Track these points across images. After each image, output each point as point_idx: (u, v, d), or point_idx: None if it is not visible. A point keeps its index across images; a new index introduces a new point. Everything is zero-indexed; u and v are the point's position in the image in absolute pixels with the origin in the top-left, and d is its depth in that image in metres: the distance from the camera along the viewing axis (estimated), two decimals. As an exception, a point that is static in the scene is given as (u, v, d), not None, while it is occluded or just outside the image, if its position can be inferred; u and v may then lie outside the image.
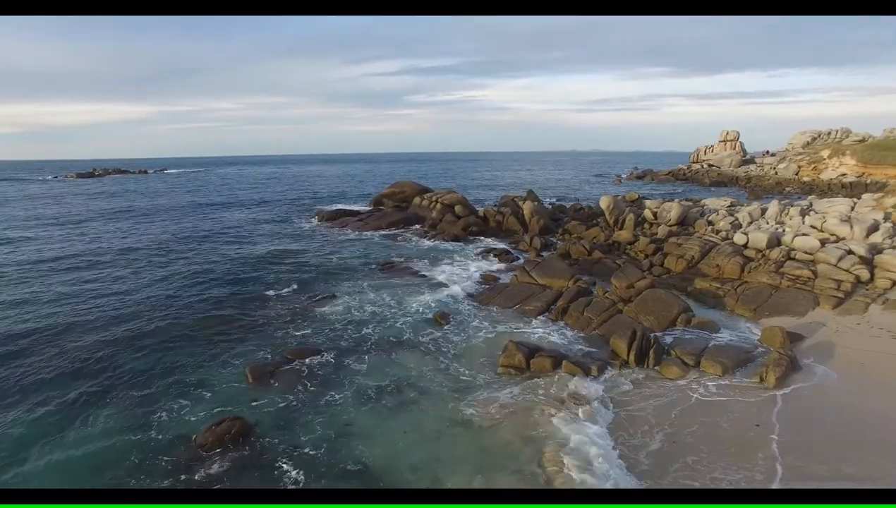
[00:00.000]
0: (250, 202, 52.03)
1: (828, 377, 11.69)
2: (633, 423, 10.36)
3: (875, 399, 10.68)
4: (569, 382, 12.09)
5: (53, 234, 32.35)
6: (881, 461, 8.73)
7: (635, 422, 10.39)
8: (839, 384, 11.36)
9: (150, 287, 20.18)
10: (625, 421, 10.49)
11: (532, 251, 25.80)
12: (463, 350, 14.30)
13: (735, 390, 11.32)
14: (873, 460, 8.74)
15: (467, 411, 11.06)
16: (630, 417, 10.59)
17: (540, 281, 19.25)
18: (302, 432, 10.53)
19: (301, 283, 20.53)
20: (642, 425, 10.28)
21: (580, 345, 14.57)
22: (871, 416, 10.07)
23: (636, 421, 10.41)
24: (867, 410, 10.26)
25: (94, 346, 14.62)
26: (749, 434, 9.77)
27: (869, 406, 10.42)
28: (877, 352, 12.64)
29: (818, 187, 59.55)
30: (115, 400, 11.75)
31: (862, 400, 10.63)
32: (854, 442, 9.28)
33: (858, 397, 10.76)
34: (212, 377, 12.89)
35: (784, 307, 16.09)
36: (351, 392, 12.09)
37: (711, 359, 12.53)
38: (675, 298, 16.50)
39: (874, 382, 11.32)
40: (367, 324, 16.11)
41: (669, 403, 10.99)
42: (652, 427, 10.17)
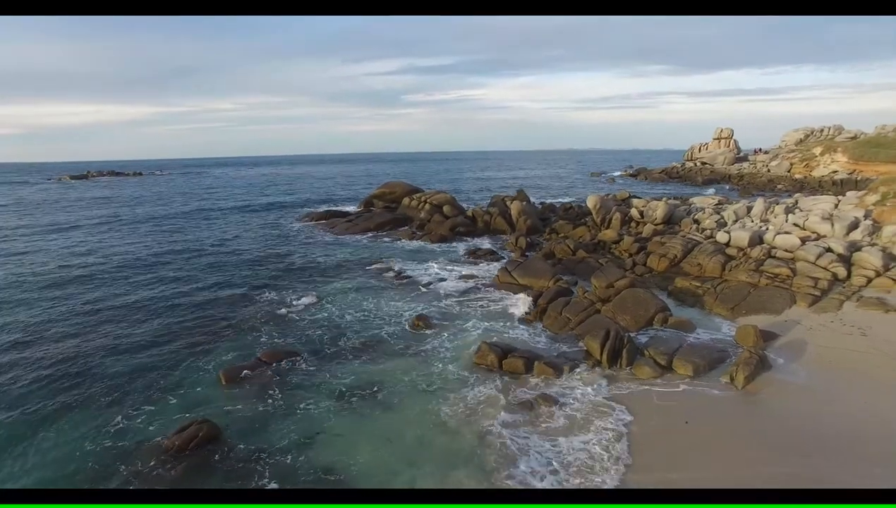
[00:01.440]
0: (242, 203, 51.97)
1: (794, 375, 11.71)
2: (580, 426, 10.36)
3: (834, 399, 10.69)
4: (539, 383, 12.15)
5: (33, 239, 32.15)
6: (818, 461, 8.70)
7: (583, 424, 10.40)
8: (804, 383, 11.37)
9: (129, 290, 20.14)
10: (581, 421, 10.50)
11: (517, 251, 25.83)
12: (438, 352, 14.29)
13: (700, 390, 11.34)
14: (810, 461, 8.70)
15: (437, 414, 11.06)
16: (584, 419, 10.60)
17: (521, 282, 19.28)
18: (272, 436, 10.50)
19: (283, 286, 20.53)
20: (587, 426, 10.31)
21: (556, 345, 14.60)
22: (826, 416, 10.08)
23: (584, 424, 10.43)
24: (825, 409, 10.27)
25: (68, 350, 14.59)
26: (673, 432, 9.86)
27: (827, 405, 10.42)
28: (845, 349, 12.68)
29: (809, 184, 59.69)
30: (84, 404, 11.71)
31: (821, 400, 10.64)
32: (797, 442, 9.27)
33: (819, 396, 10.78)
34: (185, 380, 12.89)
35: (761, 305, 16.14)
36: (324, 395, 12.08)
37: (683, 359, 12.55)
38: (653, 297, 16.53)
39: (838, 380, 11.34)
40: (346, 327, 16.12)
41: (627, 406, 10.97)
42: (596, 428, 10.22)
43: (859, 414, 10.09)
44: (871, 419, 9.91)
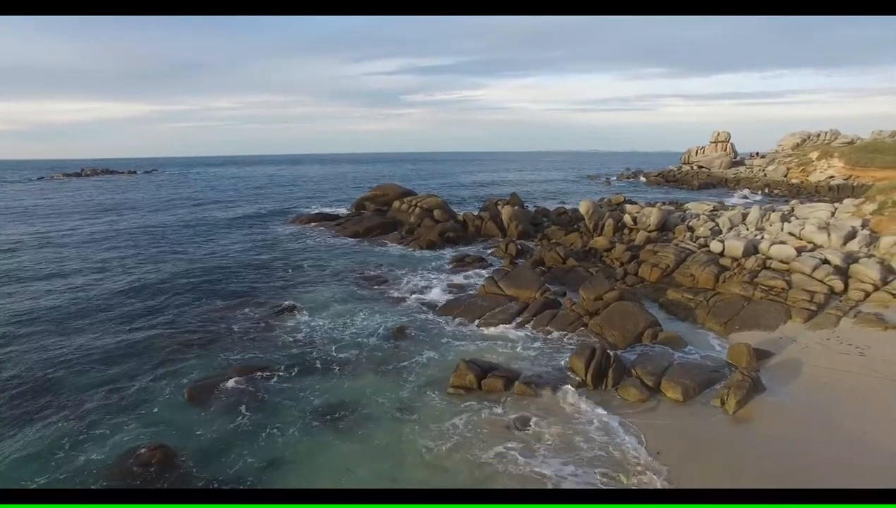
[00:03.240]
0: (232, 204, 51.09)
1: (789, 399, 11.08)
2: (558, 454, 9.72)
3: (832, 426, 10.04)
4: (518, 405, 11.51)
5: (7, 239, 31.29)
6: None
7: (562, 452, 9.78)
8: (799, 408, 10.73)
9: (101, 298, 19.29)
10: (559, 448, 9.87)
11: (507, 258, 25.16)
12: (417, 367, 13.63)
13: (690, 416, 10.71)
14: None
15: (409, 438, 10.39)
16: (563, 446, 9.96)
17: (507, 292, 18.62)
18: (230, 462, 9.82)
19: (263, 293, 19.82)
20: (566, 455, 9.70)
21: (540, 361, 13.94)
22: (822, 446, 9.45)
23: (562, 451, 9.81)
24: (821, 438, 9.64)
25: (19, 360, 13.90)
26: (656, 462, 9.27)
27: (824, 434, 9.79)
28: (843, 371, 12.05)
29: (806, 189, 59.31)
30: (31, 422, 10.98)
31: (818, 428, 9.98)
32: (791, 475, 8.68)
33: (816, 424, 10.12)
34: (146, 397, 12.17)
35: (755, 320, 15.52)
36: (293, 417, 11.37)
37: (672, 381, 11.90)
38: (642, 311, 15.90)
39: (836, 406, 10.70)
40: (323, 340, 15.42)
41: (608, 433, 10.32)
42: (575, 459, 9.59)
43: (857, 444, 9.47)
44: (871, 451, 9.28)
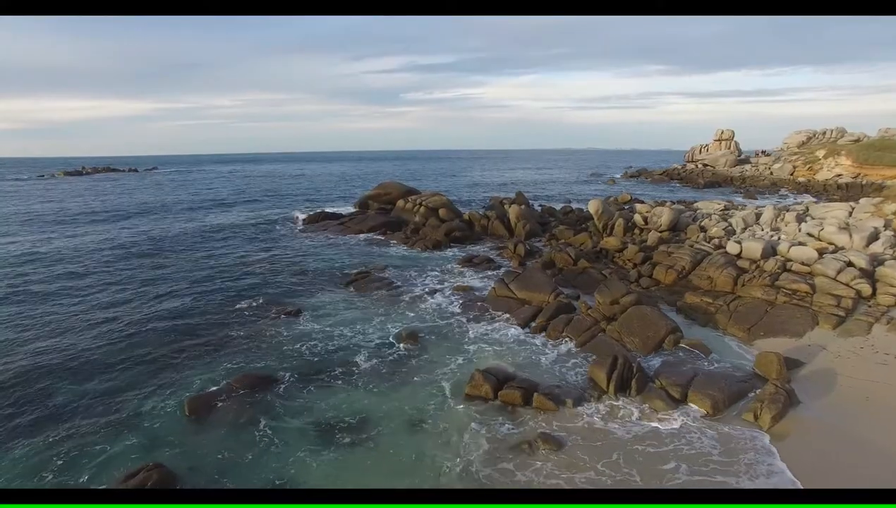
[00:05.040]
0: (233, 204, 50.32)
1: (826, 414, 10.43)
2: (584, 472, 9.13)
3: (880, 448, 9.41)
4: (539, 419, 10.86)
5: (6, 242, 30.68)
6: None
7: (587, 469, 9.17)
8: (838, 424, 10.07)
9: (98, 302, 18.66)
10: (584, 467, 9.25)
11: (515, 259, 24.50)
12: (429, 376, 13.00)
13: (722, 432, 10.06)
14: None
15: (430, 456, 9.77)
16: (587, 465, 9.34)
17: (518, 295, 17.97)
18: (235, 484, 9.21)
19: (266, 297, 19.14)
20: (590, 472, 9.09)
21: (558, 369, 13.30)
22: (870, 470, 8.82)
23: (587, 469, 9.20)
24: (868, 462, 8.99)
25: (12, 367, 13.27)
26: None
27: (872, 458, 9.15)
28: (881, 383, 11.39)
29: (813, 188, 58.61)
30: (22, 436, 10.43)
31: (862, 450, 9.34)
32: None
33: (858, 444, 9.49)
34: (146, 409, 11.55)
35: (780, 327, 14.86)
36: (302, 432, 10.73)
37: (700, 392, 11.27)
38: (662, 317, 15.24)
39: (878, 423, 10.05)
40: (329, 346, 14.77)
41: (637, 452, 9.70)
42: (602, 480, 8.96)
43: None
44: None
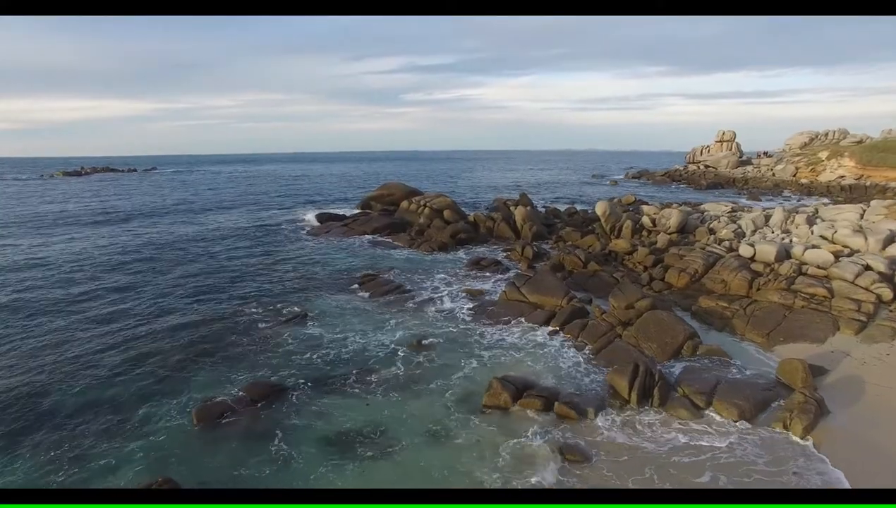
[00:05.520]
0: (234, 206, 49.70)
1: (857, 425, 10.10)
2: (611, 482, 8.79)
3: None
4: (563, 429, 10.52)
5: (5, 246, 30.25)
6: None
7: (615, 482, 8.82)
8: (870, 435, 9.77)
9: (101, 307, 18.25)
10: (613, 477, 8.93)
11: (524, 261, 24.17)
12: (444, 383, 12.65)
13: (755, 443, 9.72)
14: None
15: (452, 469, 9.42)
16: (618, 474, 9.00)
17: (530, 299, 17.63)
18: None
19: (272, 301, 18.77)
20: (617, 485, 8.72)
21: (575, 376, 12.96)
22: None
23: (615, 482, 8.85)
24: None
25: (24, 375, 12.91)
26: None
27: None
28: (913, 392, 11.11)
29: (817, 189, 58.41)
30: (23, 447, 10.10)
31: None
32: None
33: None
34: (150, 421, 11.17)
35: (800, 332, 14.55)
36: (317, 443, 10.38)
37: (725, 400, 10.95)
38: (679, 322, 14.91)
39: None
40: (340, 353, 14.41)
41: (670, 462, 9.36)
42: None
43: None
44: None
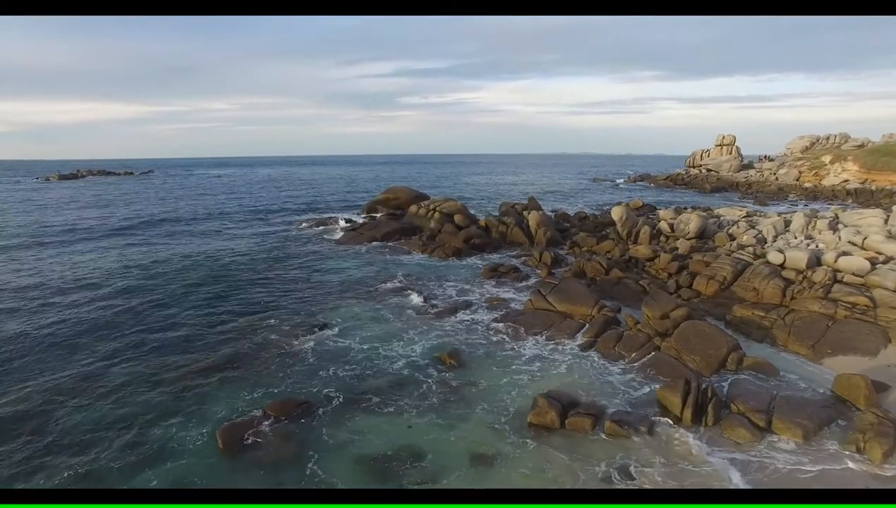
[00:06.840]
0: (236, 210, 48.50)
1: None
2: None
3: None
4: (613, 449, 9.83)
5: (6, 253, 29.34)
6: None
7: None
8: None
9: (106, 317, 17.32)
10: None
11: (543, 268, 23.50)
12: (480, 400, 11.92)
13: (830, 466, 9.06)
14: None
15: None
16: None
17: (559, 308, 16.94)
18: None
19: (286, 311, 17.95)
20: None
21: (618, 392, 12.26)
22: None
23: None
24: None
25: (25, 395, 12.04)
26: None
27: None
28: (985, 410, 10.48)
29: (822, 193, 58.24)
30: (30, 471, 9.31)
31: None
32: None
33: None
34: (171, 441, 10.39)
35: (848, 343, 13.93)
36: (348, 466, 9.66)
37: (786, 419, 10.29)
38: (721, 333, 14.26)
39: None
40: (365, 366, 13.67)
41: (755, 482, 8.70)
42: None
43: None
44: None
